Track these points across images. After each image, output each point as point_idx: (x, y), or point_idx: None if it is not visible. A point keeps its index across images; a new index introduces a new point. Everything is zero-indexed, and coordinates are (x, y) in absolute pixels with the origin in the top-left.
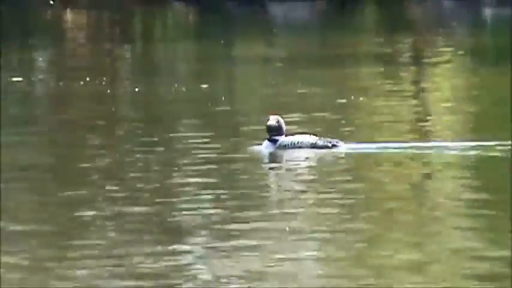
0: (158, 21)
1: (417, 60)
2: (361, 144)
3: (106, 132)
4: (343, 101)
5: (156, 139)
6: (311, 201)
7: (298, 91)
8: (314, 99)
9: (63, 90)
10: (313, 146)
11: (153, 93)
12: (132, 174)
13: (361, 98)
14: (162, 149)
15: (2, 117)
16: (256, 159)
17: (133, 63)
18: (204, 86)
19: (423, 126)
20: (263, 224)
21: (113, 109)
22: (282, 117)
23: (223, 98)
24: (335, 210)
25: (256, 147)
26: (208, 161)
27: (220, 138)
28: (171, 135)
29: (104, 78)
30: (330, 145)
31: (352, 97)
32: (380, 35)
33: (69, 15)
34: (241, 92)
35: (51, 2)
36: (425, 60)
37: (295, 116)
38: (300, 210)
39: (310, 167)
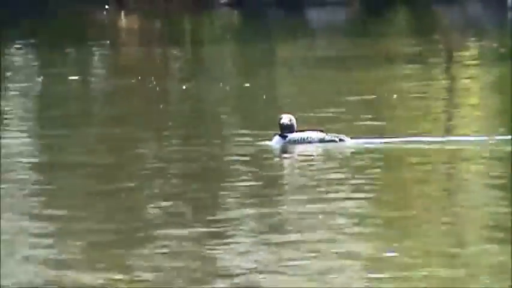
0: (205, 24)
1: (448, 60)
2: (367, 139)
3: (153, 126)
4: (375, 97)
5: (198, 132)
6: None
7: (332, 89)
8: (348, 96)
9: (116, 88)
10: (321, 140)
11: (199, 91)
12: (179, 165)
13: (394, 96)
14: (203, 141)
15: (60, 112)
16: (267, 153)
17: (181, 64)
18: (247, 84)
19: (449, 122)
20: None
21: (161, 106)
22: (316, 113)
23: (263, 97)
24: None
25: (267, 142)
26: (237, 153)
27: (254, 132)
28: (211, 128)
29: (154, 78)
30: (337, 140)
31: (386, 94)
32: (411, 36)
33: (123, 19)
34: (279, 90)
35: (107, 7)
36: (456, 60)
37: (329, 112)
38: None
39: (337, 161)
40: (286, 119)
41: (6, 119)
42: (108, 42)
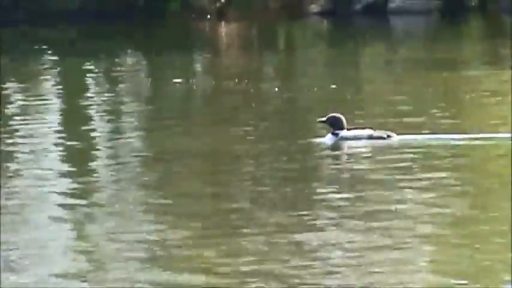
0: (298, 31)
1: None
2: (411, 135)
3: (246, 123)
4: (451, 96)
5: (285, 130)
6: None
7: (412, 88)
8: (425, 94)
9: (215, 89)
10: (370, 137)
11: (290, 92)
12: (264, 159)
13: (467, 96)
14: (286, 135)
15: (163, 111)
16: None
17: (275, 67)
18: (333, 86)
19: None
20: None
21: (253, 105)
22: (394, 109)
23: (348, 97)
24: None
25: (319, 139)
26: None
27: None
28: (297, 126)
29: (249, 80)
30: (385, 136)
31: (464, 95)
32: (485, 42)
33: (223, 27)
34: (363, 90)
35: (208, 16)
36: None
37: (409, 108)
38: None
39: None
40: (332, 117)
41: (121, 115)
42: (209, 48)
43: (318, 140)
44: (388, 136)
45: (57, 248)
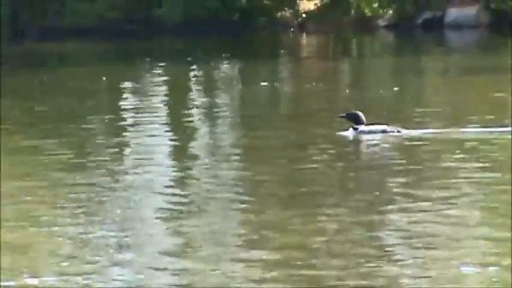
0: (367, 42)
1: None
2: (419, 130)
3: (317, 119)
4: (498, 98)
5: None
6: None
7: (462, 92)
8: (475, 96)
9: (296, 91)
10: (384, 131)
11: (358, 94)
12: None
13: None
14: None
15: (251, 109)
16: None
17: (347, 72)
18: (396, 88)
19: None
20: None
21: (325, 105)
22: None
23: (408, 98)
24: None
25: (343, 133)
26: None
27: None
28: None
29: (325, 83)
30: (396, 131)
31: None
32: None
33: (304, 38)
34: (421, 92)
35: (291, 29)
36: None
37: (460, 108)
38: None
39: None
40: (350, 114)
41: (217, 112)
42: (292, 56)
43: (342, 133)
44: (398, 131)
45: (161, 230)
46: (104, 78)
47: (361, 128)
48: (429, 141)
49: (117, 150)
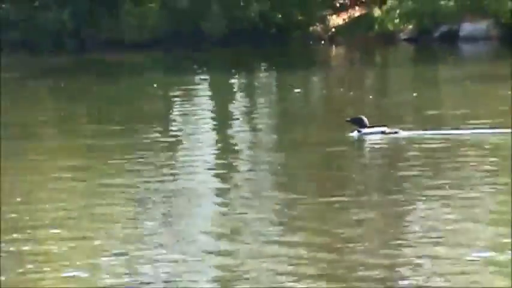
0: (390, 53)
1: None
2: (415, 131)
3: (338, 124)
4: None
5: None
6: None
7: (474, 97)
8: (483, 101)
9: (325, 96)
10: (383, 133)
11: (380, 99)
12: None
13: None
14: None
15: (286, 112)
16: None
17: (372, 80)
18: (415, 94)
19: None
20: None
21: (348, 109)
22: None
23: (425, 102)
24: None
25: (351, 134)
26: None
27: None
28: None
29: (351, 89)
30: (393, 132)
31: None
32: None
33: (334, 50)
34: (437, 98)
35: (322, 42)
36: None
37: (472, 111)
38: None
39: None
40: (357, 118)
41: (256, 114)
42: (322, 66)
43: (349, 134)
44: (396, 132)
45: (208, 221)
46: (155, 85)
47: (364, 130)
48: (426, 141)
49: (168, 148)
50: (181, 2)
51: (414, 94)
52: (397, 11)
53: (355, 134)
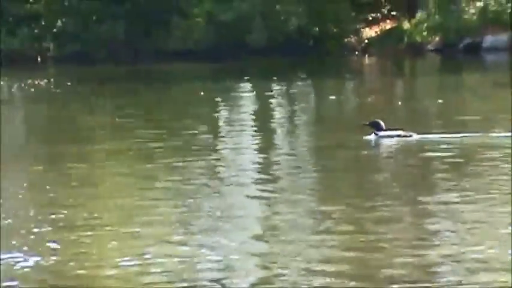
0: (418, 64)
1: None
2: (428, 135)
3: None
4: None
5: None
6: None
7: (495, 102)
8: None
9: (357, 103)
10: (399, 136)
11: (408, 106)
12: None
13: None
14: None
15: (321, 118)
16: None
17: (401, 88)
18: (440, 101)
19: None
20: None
21: (377, 115)
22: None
23: (449, 108)
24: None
25: (368, 137)
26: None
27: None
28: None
29: (382, 97)
30: (408, 135)
31: None
32: None
33: (366, 60)
34: (461, 104)
35: (356, 53)
36: None
37: (494, 115)
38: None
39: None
40: (375, 121)
41: (294, 120)
42: (356, 75)
43: (366, 137)
44: (410, 135)
45: (248, 219)
46: (202, 93)
47: (380, 133)
48: (440, 144)
49: (213, 150)
50: (226, 16)
51: (439, 100)
52: (425, 25)
53: (372, 137)
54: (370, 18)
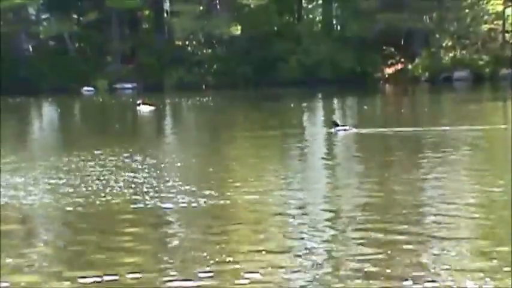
0: (416, 88)
1: None
2: (367, 129)
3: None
4: None
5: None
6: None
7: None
8: None
9: (384, 114)
10: (345, 130)
11: (409, 113)
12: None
13: None
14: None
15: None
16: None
17: (406, 100)
18: (426, 109)
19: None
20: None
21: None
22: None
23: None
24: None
25: (331, 130)
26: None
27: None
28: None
29: (402, 107)
30: (348, 128)
31: None
32: None
33: (387, 87)
34: (488, 112)
35: (381, 82)
36: None
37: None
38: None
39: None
40: (335, 120)
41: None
42: (377, 98)
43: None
44: (350, 128)
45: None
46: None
47: (337, 128)
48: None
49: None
50: (310, 59)
51: (425, 109)
52: (420, 66)
53: (333, 130)
54: (389, 63)
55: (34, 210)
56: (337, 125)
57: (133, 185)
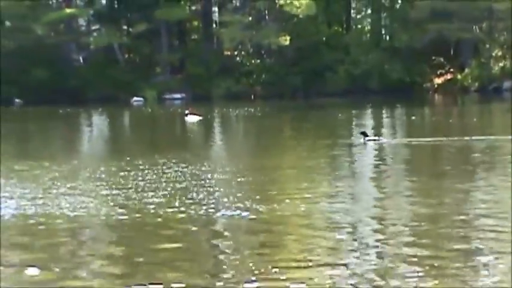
0: (466, 98)
1: None
2: (397, 139)
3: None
4: None
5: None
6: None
7: None
8: None
9: (430, 123)
10: (377, 140)
11: (456, 122)
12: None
13: None
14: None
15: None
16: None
17: (456, 110)
18: (475, 119)
19: None
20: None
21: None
22: None
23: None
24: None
25: (361, 140)
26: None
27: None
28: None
29: (432, 112)
30: (377, 139)
31: None
32: None
33: (436, 97)
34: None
35: (430, 92)
36: None
37: None
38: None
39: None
40: (361, 132)
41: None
42: (426, 107)
43: (360, 140)
44: (380, 139)
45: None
46: (340, 115)
47: (367, 138)
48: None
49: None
50: (358, 70)
51: (474, 119)
52: (470, 76)
53: (362, 140)
54: (438, 73)
55: (83, 219)
56: (367, 135)
57: (181, 195)
